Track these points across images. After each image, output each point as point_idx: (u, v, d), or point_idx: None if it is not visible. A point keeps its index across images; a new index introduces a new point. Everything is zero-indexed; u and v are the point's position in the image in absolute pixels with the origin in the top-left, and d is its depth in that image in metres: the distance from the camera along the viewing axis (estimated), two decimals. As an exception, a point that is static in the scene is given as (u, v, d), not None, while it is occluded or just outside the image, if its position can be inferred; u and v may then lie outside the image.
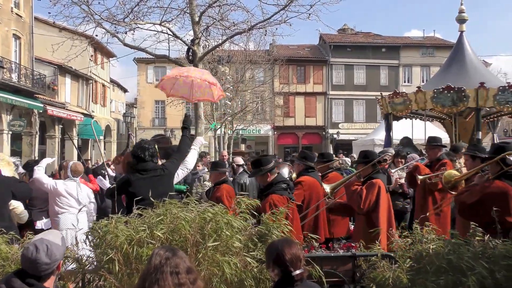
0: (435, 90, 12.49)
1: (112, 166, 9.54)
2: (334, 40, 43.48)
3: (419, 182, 6.40)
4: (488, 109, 12.87)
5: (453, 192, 5.05)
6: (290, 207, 5.17)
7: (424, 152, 8.96)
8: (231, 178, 8.41)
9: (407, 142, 12.56)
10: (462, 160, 8.08)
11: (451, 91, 12.08)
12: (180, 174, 5.48)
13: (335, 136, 38.32)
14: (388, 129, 14.59)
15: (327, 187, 5.40)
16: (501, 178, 4.36)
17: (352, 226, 6.56)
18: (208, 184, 8.31)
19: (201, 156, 10.90)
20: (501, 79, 18.19)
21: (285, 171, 6.48)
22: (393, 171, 7.80)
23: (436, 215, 6.29)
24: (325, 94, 43.65)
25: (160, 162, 5.33)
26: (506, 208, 4.15)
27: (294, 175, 7.15)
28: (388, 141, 14.40)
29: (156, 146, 5.16)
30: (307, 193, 6.04)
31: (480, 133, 12.37)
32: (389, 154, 8.29)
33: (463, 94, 11.95)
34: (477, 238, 3.76)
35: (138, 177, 4.78)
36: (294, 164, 6.79)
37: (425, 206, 6.55)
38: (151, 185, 4.56)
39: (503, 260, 3.51)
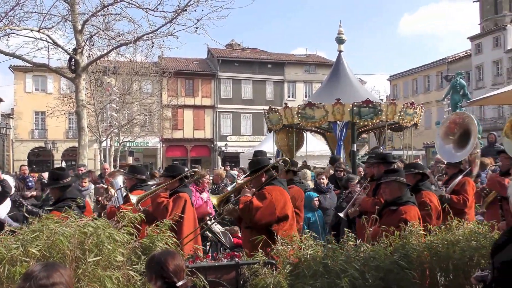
0: (299, 106, 13.31)
1: None
2: (222, 55, 44.24)
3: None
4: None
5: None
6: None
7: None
8: None
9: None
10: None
11: (312, 107, 12.88)
12: None
13: (223, 148, 38.79)
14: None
15: (133, 198, 5.34)
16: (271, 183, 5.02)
17: None
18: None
19: (90, 171, 10.54)
20: (375, 96, 19.78)
21: (119, 180, 6.23)
22: None
23: None
24: (214, 107, 44.15)
25: None
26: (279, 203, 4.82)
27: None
28: (277, 153, 15.08)
29: None
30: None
31: (355, 145, 13.29)
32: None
33: (322, 109, 12.76)
34: (350, 242, 4.08)
35: None
36: (126, 179, 6.35)
37: None
38: None
39: (372, 262, 3.84)
